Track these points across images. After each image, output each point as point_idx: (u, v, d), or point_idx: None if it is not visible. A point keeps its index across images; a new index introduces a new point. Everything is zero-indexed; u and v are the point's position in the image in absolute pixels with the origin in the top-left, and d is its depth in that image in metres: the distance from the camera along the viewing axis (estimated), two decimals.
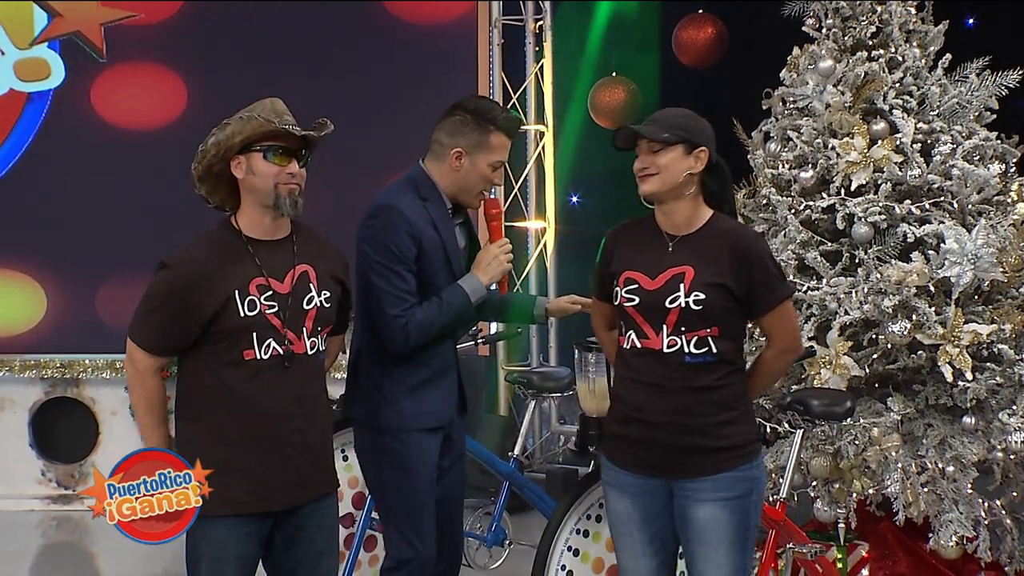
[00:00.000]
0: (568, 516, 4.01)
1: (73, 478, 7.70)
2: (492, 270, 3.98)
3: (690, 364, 3.48)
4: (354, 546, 4.87)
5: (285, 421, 3.49)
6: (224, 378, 3.46)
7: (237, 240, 3.53)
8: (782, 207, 5.49)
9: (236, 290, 3.44)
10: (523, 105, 8.12)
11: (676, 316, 3.47)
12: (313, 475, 3.56)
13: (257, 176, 3.49)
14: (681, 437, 3.49)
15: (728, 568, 3.49)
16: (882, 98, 5.49)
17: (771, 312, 3.54)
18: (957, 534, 5.11)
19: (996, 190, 5.41)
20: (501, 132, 3.95)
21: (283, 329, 3.48)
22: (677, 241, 3.56)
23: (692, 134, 3.56)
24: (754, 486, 3.53)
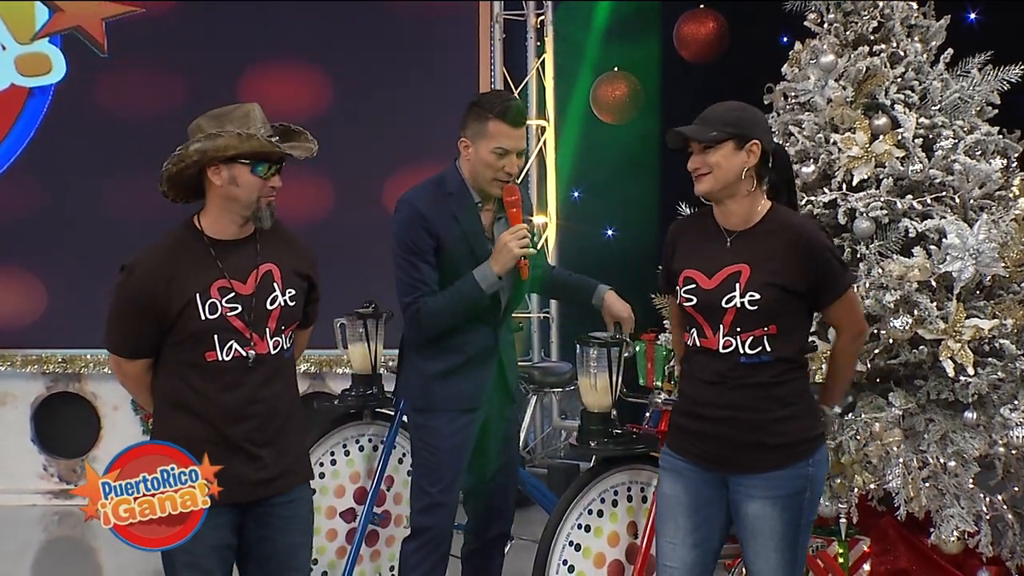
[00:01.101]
0: (570, 511, 4.02)
1: (75, 473, 7.70)
2: (502, 258, 4.09)
3: (745, 364, 3.48)
4: (356, 541, 4.87)
5: (248, 420, 3.48)
6: (188, 379, 3.47)
7: (199, 242, 3.52)
8: None
9: (197, 293, 3.44)
10: (524, 100, 8.11)
11: (732, 316, 3.47)
12: (280, 469, 3.55)
13: (241, 188, 3.48)
14: (738, 433, 3.50)
15: (777, 563, 3.51)
16: (884, 93, 5.47)
17: (836, 302, 3.53)
18: (959, 529, 5.10)
19: (998, 185, 5.39)
20: (498, 119, 4.08)
21: (246, 331, 3.48)
22: (735, 237, 3.54)
23: (741, 128, 3.52)
24: (808, 484, 3.52)
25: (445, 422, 4.20)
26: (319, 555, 4.89)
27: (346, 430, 4.98)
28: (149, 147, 7.53)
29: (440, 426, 4.21)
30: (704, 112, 3.63)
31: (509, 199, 4.15)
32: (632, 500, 4.10)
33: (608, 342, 4.07)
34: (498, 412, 4.32)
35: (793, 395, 3.51)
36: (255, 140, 3.42)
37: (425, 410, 4.27)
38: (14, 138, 7.72)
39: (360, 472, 4.99)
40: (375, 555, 5.01)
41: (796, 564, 3.55)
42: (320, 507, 4.91)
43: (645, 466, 4.13)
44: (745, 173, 3.51)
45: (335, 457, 4.95)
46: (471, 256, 4.13)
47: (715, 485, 3.58)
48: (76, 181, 7.66)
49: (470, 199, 4.17)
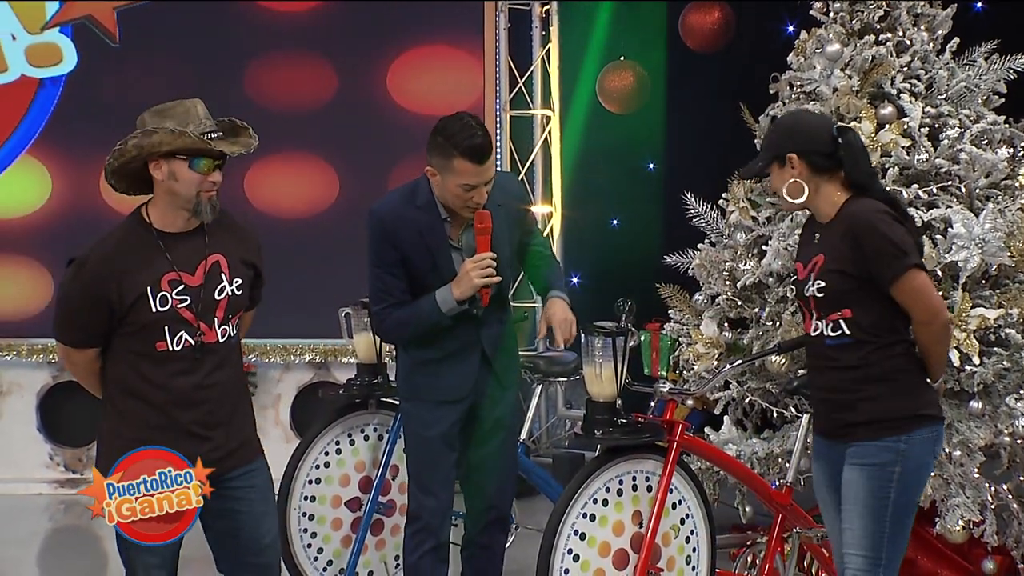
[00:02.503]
0: (575, 500, 4.01)
1: (81, 462, 7.71)
2: (463, 285, 4.12)
3: (832, 346, 3.71)
4: (361, 530, 4.87)
5: (199, 406, 3.62)
6: (138, 368, 3.59)
7: (148, 235, 3.62)
8: None
9: (148, 287, 3.54)
10: (530, 89, 8.11)
11: (813, 303, 3.74)
12: (230, 448, 3.68)
13: (179, 183, 3.57)
14: (834, 412, 3.75)
15: (860, 530, 3.66)
16: (890, 82, 5.46)
17: (894, 286, 3.62)
18: (964, 518, 5.10)
19: (1004, 174, 5.38)
20: (463, 158, 3.99)
21: (195, 322, 3.60)
22: (821, 230, 3.80)
23: (774, 148, 3.78)
24: (898, 459, 3.64)
25: (426, 410, 4.27)
26: (324, 544, 4.90)
27: (351, 419, 4.97)
28: None
29: (423, 414, 4.28)
30: None
31: (480, 226, 4.12)
32: (637, 489, 4.10)
33: (613, 331, 4.06)
34: (489, 402, 4.32)
35: (883, 375, 3.67)
36: (187, 137, 3.51)
37: (410, 399, 4.35)
38: (25, 129, 7.70)
39: (365, 461, 4.99)
40: (380, 544, 5.01)
41: (882, 538, 3.64)
42: (325, 496, 4.91)
43: (650, 455, 4.12)
44: (792, 185, 3.75)
45: (340, 446, 4.95)
46: (434, 270, 4.16)
47: (839, 459, 3.77)
48: (82, 171, 7.64)
49: (436, 214, 4.16)
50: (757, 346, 5.55)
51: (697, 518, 4.24)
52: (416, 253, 4.15)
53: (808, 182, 3.74)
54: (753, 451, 5.52)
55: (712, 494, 5.52)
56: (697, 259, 5.88)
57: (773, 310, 5.52)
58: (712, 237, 5.94)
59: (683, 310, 5.88)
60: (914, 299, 3.64)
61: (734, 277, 5.64)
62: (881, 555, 3.66)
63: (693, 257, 5.92)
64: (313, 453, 4.89)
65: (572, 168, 8.31)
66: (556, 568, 3.94)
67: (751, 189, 5.75)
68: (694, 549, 4.23)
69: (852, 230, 3.64)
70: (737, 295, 5.67)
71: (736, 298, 5.67)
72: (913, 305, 3.64)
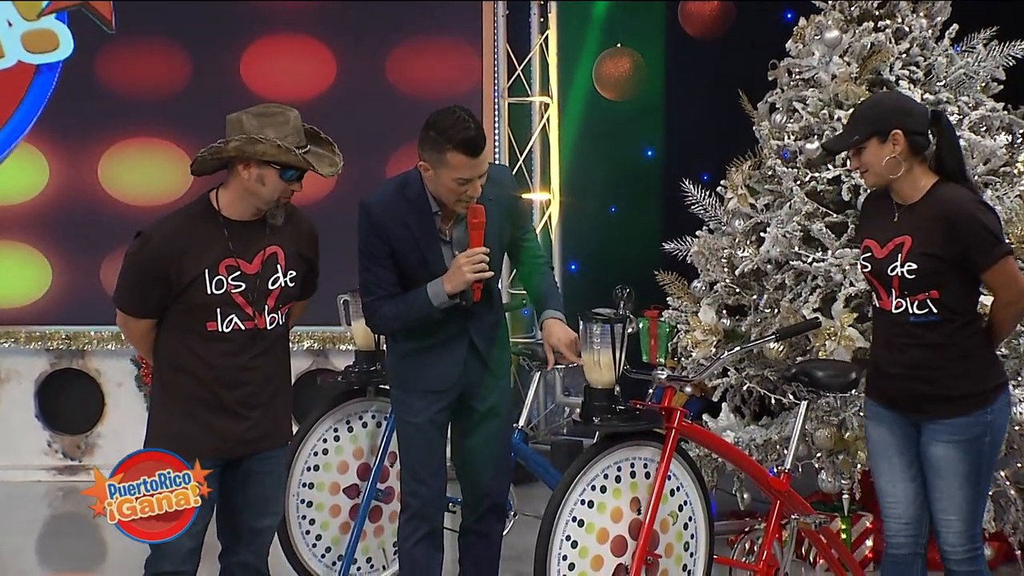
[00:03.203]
0: (573, 487, 4.00)
1: (79, 449, 7.71)
2: (454, 280, 4.11)
3: (915, 323, 3.84)
4: (359, 517, 4.87)
5: (241, 386, 3.81)
6: (188, 344, 3.78)
7: (214, 220, 3.77)
8: (788, 178, 5.47)
9: (206, 269, 3.72)
10: (528, 76, 8.09)
11: (897, 282, 3.84)
12: (264, 431, 3.87)
13: (266, 187, 3.73)
14: (916, 387, 3.88)
15: (960, 499, 3.87)
16: (888, 69, 5.46)
17: (989, 271, 3.80)
18: None
19: (1003, 161, 5.38)
20: (456, 151, 3.98)
21: (247, 307, 3.78)
22: (903, 211, 3.88)
23: (878, 124, 3.82)
24: (987, 430, 3.86)
25: (415, 399, 4.28)
26: (323, 531, 4.90)
27: (349, 406, 4.97)
28: (153, 124, 7.60)
29: (412, 402, 4.29)
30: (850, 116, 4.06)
31: (473, 221, 4.12)
32: (635, 476, 4.09)
33: (612, 318, 4.05)
34: (481, 391, 4.32)
35: (967, 351, 3.85)
36: (291, 155, 3.67)
37: (399, 387, 4.37)
38: (21, 116, 7.68)
39: (363, 448, 4.99)
40: (378, 531, 5.01)
41: (979, 502, 3.93)
42: (324, 483, 4.91)
43: (648, 442, 4.12)
44: (890, 161, 3.82)
45: (339, 433, 4.94)
46: (423, 264, 4.16)
47: (912, 428, 3.95)
48: (79, 158, 7.64)
49: (427, 207, 4.15)
50: (755, 333, 5.56)
51: (695, 505, 4.24)
52: (405, 246, 4.16)
53: (904, 161, 3.83)
54: (751, 438, 5.53)
55: (710, 481, 5.52)
56: (695, 246, 5.88)
57: (771, 297, 5.53)
58: (710, 224, 5.94)
59: (681, 297, 5.88)
60: (1006, 283, 3.83)
61: (732, 264, 5.64)
62: (978, 513, 3.95)
63: (691, 244, 5.92)
64: (311, 440, 4.89)
65: (570, 155, 8.31)
66: (554, 554, 3.94)
67: (749, 176, 5.75)
68: (692, 535, 4.23)
69: (949, 217, 3.77)
70: (735, 282, 5.67)
71: (734, 285, 5.67)
72: (1005, 289, 3.84)
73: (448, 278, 4.12)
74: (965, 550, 3.93)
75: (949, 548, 3.94)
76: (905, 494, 4.00)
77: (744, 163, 5.77)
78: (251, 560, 3.99)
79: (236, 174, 3.74)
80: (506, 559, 4.65)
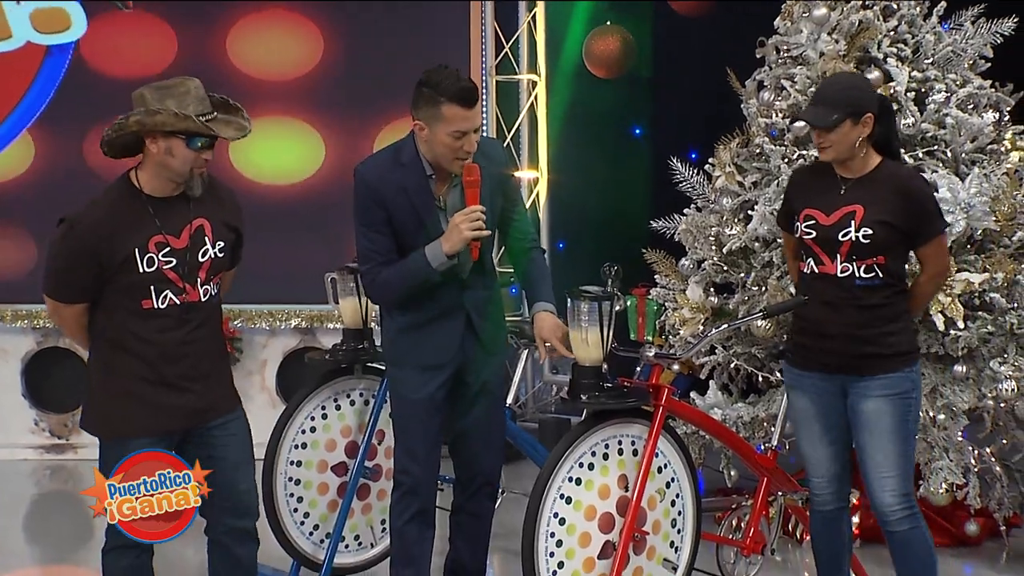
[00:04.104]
0: (560, 465, 4.01)
1: (66, 427, 7.71)
2: (453, 238, 4.12)
3: (860, 286, 4.07)
4: (347, 495, 4.88)
5: (180, 360, 3.86)
6: (126, 323, 3.81)
7: (137, 199, 3.82)
8: (775, 156, 5.47)
9: (136, 248, 3.75)
10: (515, 54, 8.07)
11: (848, 247, 4.05)
12: (210, 401, 3.95)
13: (175, 159, 3.77)
14: (854, 346, 4.09)
15: (893, 454, 4.08)
16: (876, 46, 5.46)
17: (928, 243, 4.10)
18: (947, 481, 5.14)
19: (990, 139, 5.39)
20: (452, 103, 4.02)
21: (180, 282, 3.83)
22: (851, 184, 4.10)
23: (856, 105, 4.02)
24: (914, 386, 4.14)
25: (412, 375, 4.28)
26: (311, 509, 4.90)
27: (337, 384, 4.96)
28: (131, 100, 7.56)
29: (409, 379, 4.29)
30: (819, 90, 4.19)
31: (468, 179, 4.14)
32: (623, 454, 4.11)
33: (599, 296, 4.05)
34: (475, 367, 4.34)
35: (898, 315, 4.13)
36: (190, 121, 3.70)
37: (395, 363, 4.37)
38: (32, 99, 7.58)
39: (351, 426, 4.99)
40: (366, 508, 5.02)
41: (908, 456, 4.15)
42: (312, 461, 4.91)
43: (636, 420, 4.13)
44: (861, 142, 4.04)
45: (326, 411, 4.94)
46: (420, 228, 4.17)
47: (834, 393, 4.18)
48: (63, 135, 7.60)
49: (421, 171, 4.17)
50: (743, 311, 5.57)
51: (682, 482, 4.25)
52: (402, 212, 4.16)
53: (865, 141, 4.06)
54: (738, 415, 5.55)
55: (697, 458, 5.55)
56: (683, 224, 5.89)
57: (759, 275, 5.54)
58: (698, 202, 5.94)
59: (669, 275, 5.89)
60: (938, 255, 4.15)
61: (720, 242, 5.65)
62: (910, 470, 4.15)
63: (679, 222, 5.93)
64: (299, 418, 4.88)
65: (558, 133, 8.30)
66: (542, 532, 3.95)
67: (737, 154, 5.75)
68: (679, 512, 4.24)
69: (904, 190, 4.04)
70: (723, 260, 5.68)
71: (722, 263, 5.68)
72: (935, 260, 4.15)
73: (446, 238, 4.12)
74: (903, 508, 4.10)
75: (887, 509, 4.10)
76: (826, 455, 4.24)
77: (732, 141, 5.77)
78: (237, 524, 4.02)
79: (148, 151, 3.78)
80: (494, 536, 4.66)
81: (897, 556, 4.20)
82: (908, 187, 4.07)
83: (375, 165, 4.25)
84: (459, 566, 4.54)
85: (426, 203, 4.18)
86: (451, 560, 4.57)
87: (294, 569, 4.95)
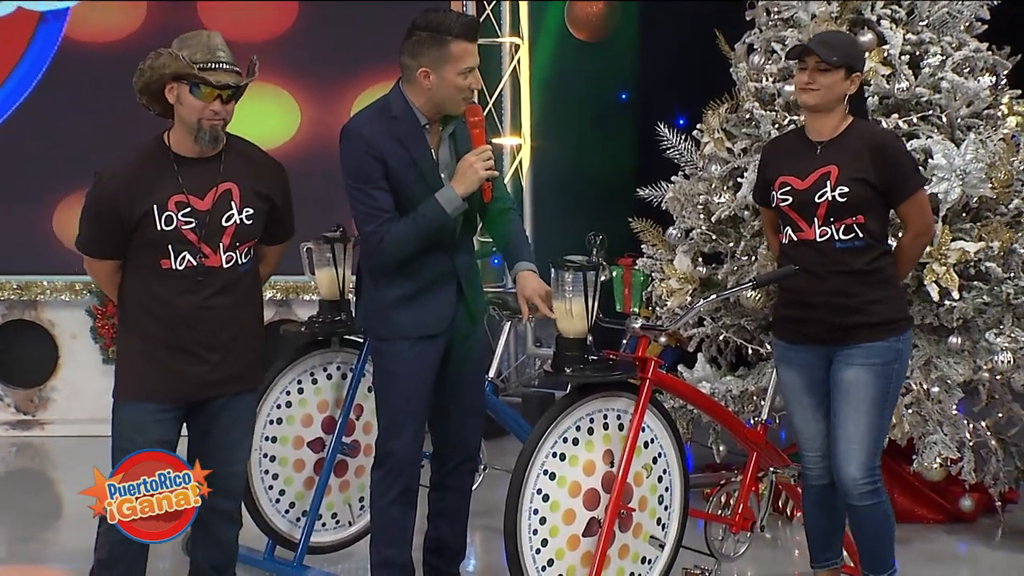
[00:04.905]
0: (544, 440, 4.01)
1: (32, 403, 7.67)
2: (467, 179, 4.12)
3: (840, 249, 4.08)
4: (324, 471, 4.86)
5: (197, 325, 3.90)
6: (147, 283, 3.89)
7: (164, 156, 3.89)
8: (766, 122, 5.46)
9: (154, 205, 3.82)
10: (498, 17, 8.04)
11: (825, 208, 4.06)
12: (227, 374, 3.97)
13: (183, 106, 3.83)
14: (838, 315, 4.09)
15: (865, 425, 4.09)
16: (870, 8, 5.44)
17: (907, 200, 4.11)
18: (941, 456, 5.15)
19: (986, 103, 5.39)
20: (459, 39, 4.07)
21: (199, 243, 3.87)
22: (823, 146, 4.13)
23: (854, 61, 4.12)
24: (898, 356, 4.14)
25: (406, 348, 4.24)
26: (286, 486, 4.89)
27: (313, 358, 4.95)
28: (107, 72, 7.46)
29: (400, 352, 4.24)
30: (822, 35, 4.32)
31: (473, 119, 4.16)
32: (608, 428, 4.10)
33: (584, 266, 4.04)
34: (462, 337, 4.33)
35: (884, 281, 4.13)
36: (180, 62, 3.76)
37: (386, 338, 4.30)
38: (24, 71, 7.50)
39: (328, 401, 4.98)
40: (344, 486, 5.01)
41: (882, 430, 4.16)
42: (287, 437, 4.89)
43: (622, 393, 4.13)
44: (844, 96, 4.10)
45: (302, 386, 4.93)
46: (421, 181, 4.15)
47: (823, 366, 4.18)
48: (32, 109, 7.54)
49: (416, 121, 4.16)
50: (732, 281, 5.57)
51: (670, 457, 4.26)
52: (400, 164, 4.13)
53: (844, 100, 4.12)
54: (727, 389, 5.56)
55: (685, 433, 5.55)
56: (671, 192, 5.88)
57: (749, 244, 5.53)
58: (686, 169, 5.93)
59: (656, 244, 5.89)
60: (919, 213, 4.15)
61: (709, 210, 5.64)
62: (880, 444, 4.16)
63: (666, 190, 5.92)
64: (274, 393, 4.87)
65: (542, 98, 8.26)
66: (525, 508, 3.95)
67: (726, 119, 5.74)
68: (667, 489, 4.25)
69: (877, 146, 4.08)
70: (712, 229, 5.67)
71: (711, 232, 5.67)
72: (917, 219, 4.15)
73: (459, 180, 4.13)
74: (867, 482, 4.11)
75: (851, 482, 4.10)
76: (818, 430, 4.24)
77: (721, 106, 5.76)
78: (221, 505, 4.00)
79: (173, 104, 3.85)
80: (476, 514, 4.66)
81: (857, 531, 4.23)
82: (882, 143, 4.12)
83: (368, 119, 4.21)
84: (441, 544, 4.53)
85: (424, 154, 4.17)
86: (431, 539, 4.55)
87: (269, 548, 4.94)
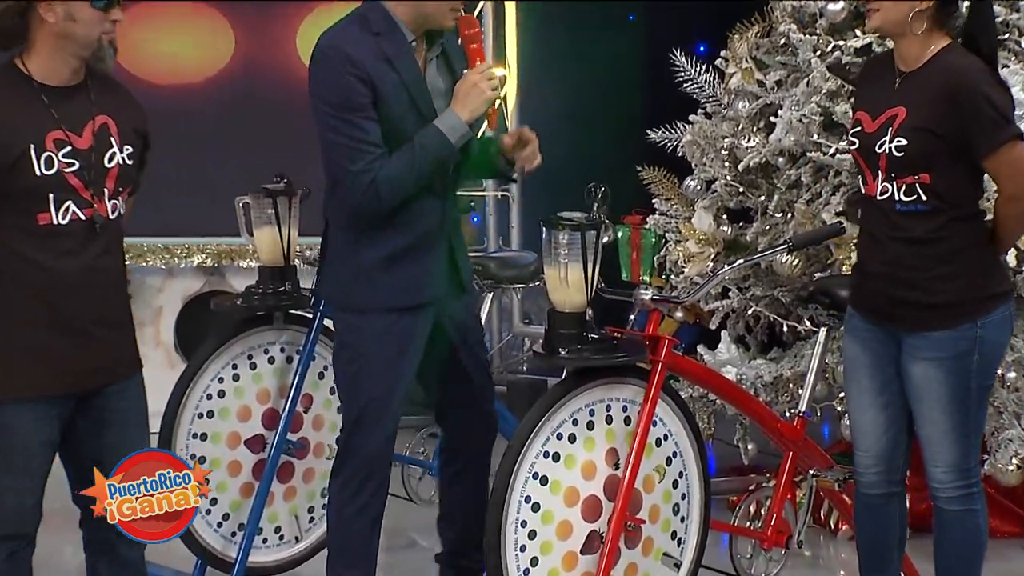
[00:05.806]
0: (533, 436, 4.00)
1: None
2: (472, 101, 4.13)
3: (902, 212, 4.00)
4: (265, 476, 4.86)
5: (87, 294, 3.83)
6: (18, 247, 3.75)
7: (27, 86, 3.75)
8: (805, 48, 5.46)
9: (32, 145, 3.70)
10: None
11: (884, 161, 3.99)
12: (117, 355, 3.96)
13: (79, 23, 3.70)
14: (894, 289, 4.06)
15: (945, 426, 4.06)
16: None
17: (990, 156, 3.92)
18: (1019, 456, 5.16)
19: None
20: None
21: (84, 191, 3.78)
22: (903, 79, 4.04)
23: None
24: (975, 346, 4.01)
25: (387, 323, 4.22)
26: (219, 494, 4.89)
27: (252, 337, 4.94)
28: None
29: (380, 328, 4.23)
30: None
31: (468, 32, 4.18)
32: (612, 422, 4.11)
33: (582, 224, 4.03)
34: (450, 308, 4.35)
35: (957, 252, 4.00)
36: None
37: (362, 310, 4.28)
38: None
39: (270, 390, 4.97)
40: (290, 493, 5.02)
41: (968, 428, 4.10)
42: (220, 434, 4.89)
43: (628, 380, 4.13)
44: (914, 15, 3.93)
45: (238, 371, 4.92)
46: (412, 108, 4.14)
47: (891, 344, 4.14)
48: None
49: (402, 37, 4.16)
50: (763, 243, 5.57)
51: (687, 458, 4.27)
52: (390, 87, 4.11)
53: (921, 20, 3.94)
54: (758, 375, 5.57)
55: (706, 428, 5.57)
56: (688, 135, 5.88)
57: (783, 198, 5.54)
58: (707, 107, 5.93)
59: (671, 199, 5.89)
60: (1010, 172, 3.95)
61: (735, 157, 5.65)
62: (973, 441, 4.14)
63: (684, 132, 5.92)
64: (203, 380, 4.86)
65: (531, 21, 8.24)
66: (511, 520, 3.95)
67: (757, 46, 5.73)
68: (683, 496, 4.26)
69: (952, 87, 3.89)
70: (738, 180, 5.68)
71: (737, 183, 5.68)
72: (1008, 179, 3.96)
73: (461, 103, 4.14)
74: (956, 487, 4.11)
75: (937, 485, 4.13)
76: (874, 425, 4.21)
77: (750, 30, 5.76)
78: None
79: (41, 26, 3.70)
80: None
81: (938, 540, 4.22)
82: (956, 83, 3.91)
83: (347, 35, 4.17)
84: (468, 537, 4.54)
85: (415, 76, 4.17)
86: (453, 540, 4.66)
87: (198, 569, 4.96)
